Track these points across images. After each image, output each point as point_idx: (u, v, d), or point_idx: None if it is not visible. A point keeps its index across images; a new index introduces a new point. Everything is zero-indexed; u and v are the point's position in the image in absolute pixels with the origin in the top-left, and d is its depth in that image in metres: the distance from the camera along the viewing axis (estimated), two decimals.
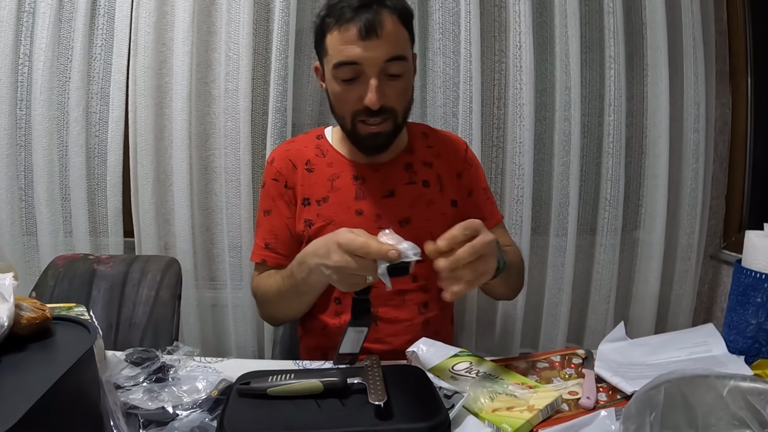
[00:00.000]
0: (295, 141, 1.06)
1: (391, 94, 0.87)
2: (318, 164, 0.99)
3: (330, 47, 0.86)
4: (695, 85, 1.53)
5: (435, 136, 1.07)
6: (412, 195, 0.98)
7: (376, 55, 0.83)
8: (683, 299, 1.61)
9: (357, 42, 0.82)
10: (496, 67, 1.56)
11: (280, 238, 0.99)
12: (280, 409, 0.63)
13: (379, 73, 0.84)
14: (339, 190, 0.97)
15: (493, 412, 0.66)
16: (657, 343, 0.86)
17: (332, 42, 0.85)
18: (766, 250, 0.79)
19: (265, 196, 1.02)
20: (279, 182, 1.00)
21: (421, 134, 1.05)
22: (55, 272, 1.24)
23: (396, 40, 0.85)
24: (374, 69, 0.84)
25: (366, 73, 0.84)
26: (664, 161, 1.54)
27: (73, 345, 0.57)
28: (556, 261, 1.57)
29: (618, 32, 1.49)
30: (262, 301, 0.98)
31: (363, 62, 0.83)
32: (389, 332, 0.95)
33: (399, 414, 0.62)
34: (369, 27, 0.81)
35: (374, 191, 0.97)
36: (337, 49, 0.84)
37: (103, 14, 1.48)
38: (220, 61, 1.49)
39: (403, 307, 0.96)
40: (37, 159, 1.49)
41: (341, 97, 0.88)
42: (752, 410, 0.56)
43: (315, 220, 0.96)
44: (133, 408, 0.63)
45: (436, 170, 1.01)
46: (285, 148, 1.03)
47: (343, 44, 0.83)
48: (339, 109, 0.91)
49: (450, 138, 1.08)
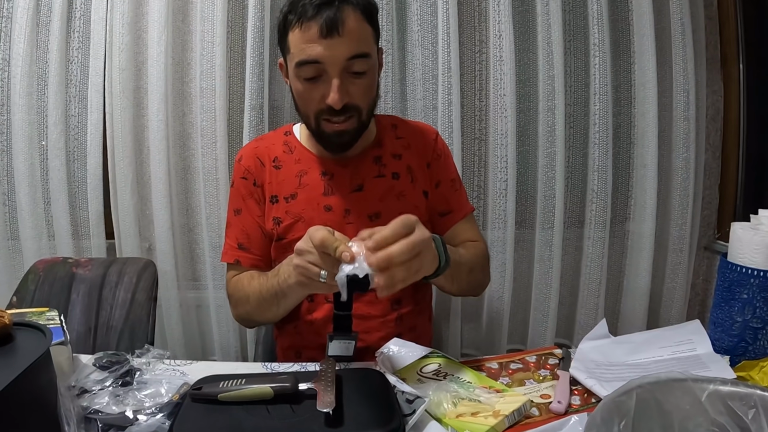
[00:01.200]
0: (263, 138, 1.05)
1: (355, 92, 0.85)
2: (286, 161, 0.98)
3: (292, 45, 0.84)
4: (684, 73, 1.49)
5: (404, 126, 1.05)
6: (382, 188, 0.96)
7: (338, 53, 0.81)
8: (676, 292, 1.57)
9: (318, 40, 0.80)
10: (477, 57, 1.53)
11: (252, 238, 0.97)
12: (231, 415, 0.62)
13: (342, 72, 0.83)
14: (307, 186, 0.95)
15: (457, 418, 0.63)
16: (640, 341, 0.83)
17: (294, 40, 0.83)
18: (752, 244, 0.75)
19: (234, 195, 1.00)
20: (248, 180, 0.98)
21: (390, 126, 1.03)
22: (36, 276, 1.24)
23: (359, 37, 0.83)
24: (336, 68, 0.82)
25: (328, 71, 0.82)
26: (653, 151, 1.50)
27: (32, 349, 0.58)
28: (543, 255, 1.54)
29: (603, 19, 1.46)
30: (239, 303, 0.96)
31: (324, 61, 0.81)
32: (362, 329, 0.92)
33: (350, 421, 0.60)
34: (330, 25, 0.79)
35: (343, 186, 0.95)
36: (299, 47, 0.83)
37: (79, 17, 1.48)
38: (195, 60, 1.48)
39: (375, 303, 0.94)
40: (17, 163, 1.50)
41: (304, 96, 0.87)
42: (733, 416, 0.53)
43: (284, 217, 0.95)
44: (95, 413, 0.63)
45: (406, 161, 0.99)
46: (253, 146, 1.02)
47: (304, 42, 0.82)
48: (303, 108, 0.90)
49: (419, 127, 1.06)
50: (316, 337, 0.95)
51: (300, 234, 0.92)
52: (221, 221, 1.49)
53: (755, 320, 0.75)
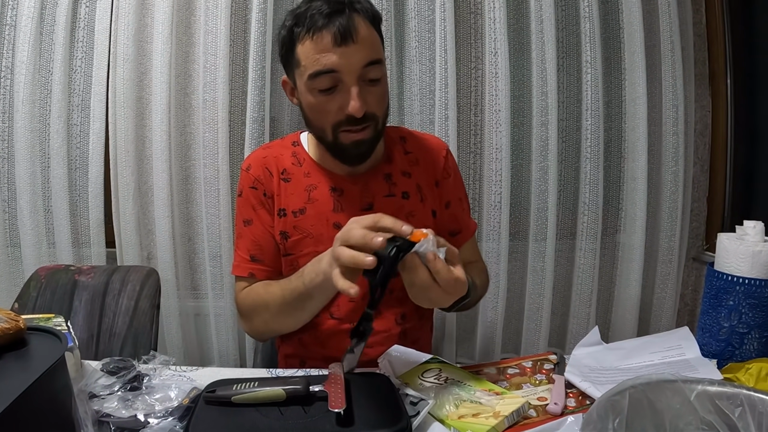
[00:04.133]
0: (271, 147, 1.00)
1: (372, 101, 0.83)
2: (295, 173, 0.94)
3: (303, 57, 0.81)
4: (674, 89, 1.54)
5: (413, 140, 1.01)
6: (392, 208, 0.93)
7: (354, 60, 0.79)
8: (665, 302, 1.61)
9: (333, 49, 0.78)
10: (473, 73, 1.57)
11: (265, 249, 0.93)
12: (244, 417, 0.64)
13: (359, 80, 0.80)
14: (316, 202, 0.92)
15: (459, 419, 0.66)
16: (631, 347, 0.86)
17: (305, 52, 0.80)
18: (737, 253, 0.79)
19: (243, 205, 0.95)
20: (258, 190, 0.94)
21: (399, 139, 1.00)
22: (38, 283, 1.25)
23: (371, 44, 0.81)
24: (353, 76, 0.79)
25: (345, 81, 0.80)
26: (643, 164, 1.54)
27: (46, 354, 0.59)
28: (536, 266, 1.58)
29: (595, 37, 1.50)
30: (255, 312, 0.91)
31: (341, 69, 0.79)
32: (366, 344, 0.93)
33: (360, 421, 0.62)
34: (344, 32, 0.77)
35: (353, 204, 0.92)
36: (312, 58, 0.79)
37: (83, 27, 1.50)
38: (198, 72, 1.50)
39: (380, 318, 0.93)
40: (19, 171, 1.51)
41: (320, 109, 0.83)
42: (721, 414, 0.56)
43: (291, 232, 0.92)
44: (106, 416, 0.64)
45: (415, 179, 0.97)
46: (261, 155, 0.97)
47: (317, 53, 0.79)
48: (318, 122, 0.85)
49: (428, 142, 1.02)
50: (321, 349, 0.94)
51: (309, 250, 0.91)
52: (221, 231, 1.51)
53: (741, 325, 0.78)
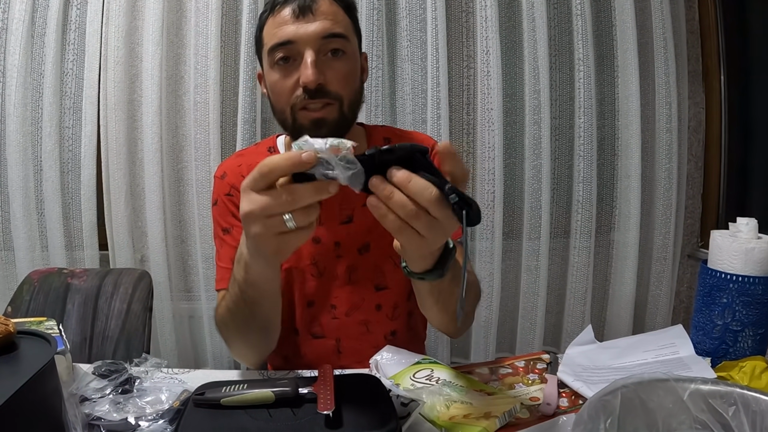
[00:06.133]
0: (244, 155, 0.95)
1: (333, 77, 0.77)
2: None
3: (266, 36, 0.79)
4: (667, 86, 1.54)
5: (398, 139, 0.95)
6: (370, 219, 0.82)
7: (311, 31, 0.76)
8: (660, 299, 1.61)
9: (291, 21, 0.76)
10: (465, 72, 1.57)
11: None
12: (233, 419, 0.64)
13: (316, 52, 0.76)
14: None
15: (450, 420, 0.65)
16: (625, 346, 0.86)
17: (267, 30, 0.79)
18: (730, 250, 0.78)
19: (220, 213, 0.90)
20: (234, 197, 0.89)
21: (382, 140, 0.95)
22: (31, 287, 1.25)
23: (334, 19, 0.78)
24: (308, 45, 0.76)
25: (301, 52, 0.76)
26: (636, 162, 1.54)
27: (35, 358, 0.58)
28: (530, 265, 1.57)
29: (587, 34, 1.50)
30: (224, 334, 0.81)
31: (297, 40, 0.76)
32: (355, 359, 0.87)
33: (349, 423, 0.62)
34: (303, 6, 0.76)
35: (332, 217, 0.88)
36: (271, 33, 0.78)
37: (74, 29, 1.50)
38: (189, 74, 1.50)
39: (368, 336, 0.89)
40: (12, 174, 1.51)
41: (278, 87, 0.79)
42: (714, 413, 0.55)
43: None
44: (97, 419, 0.64)
45: None
46: (236, 163, 0.92)
47: (276, 27, 0.77)
48: (277, 102, 0.81)
49: (416, 139, 0.96)
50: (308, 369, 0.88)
51: (286, 265, 0.85)
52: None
53: (735, 323, 0.78)
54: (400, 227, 0.51)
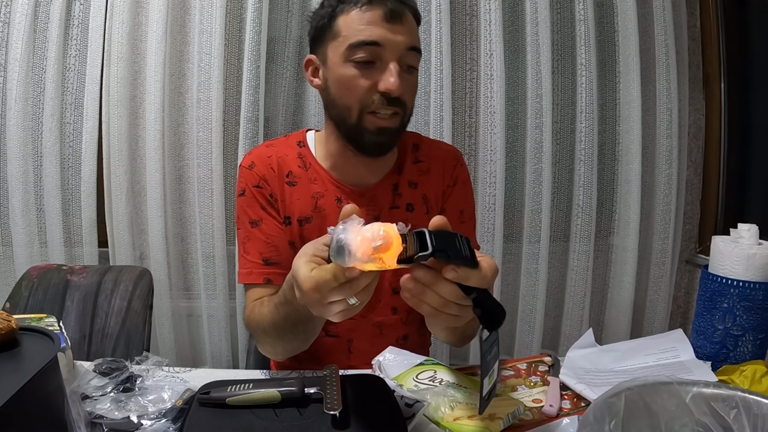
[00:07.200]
0: (275, 145, 0.92)
1: (406, 88, 0.79)
2: (301, 178, 0.87)
3: (345, 28, 0.78)
4: (668, 92, 1.55)
5: (425, 149, 0.95)
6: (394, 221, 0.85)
7: (400, 40, 0.76)
8: (658, 304, 1.62)
9: (381, 23, 0.76)
10: (468, 75, 1.57)
11: (282, 250, 0.84)
12: (239, 419, 0.63)
13: (399, 60, 0.77)
14: (323, 212, 0.86)
15: (454, 421, 0.65)
16: (626, 350, 0.86)
17: (348, 22, 0.77)
18: (732, 256, 0.79)
19: (247, 205, 0.87)
20: (263, 189, 0.86)
21: (411, 147, 0.95)
22: (29, 283, 1.24)
23: (416, 33, 0.81)
24: (396, 54, 0.77)
25: (385, 57, 0.77)
26: (636, 167, 1.55)
27: (38, 355, 0.58)
28: (530, 268, 1.58)
29: (590, 40, 1.51)
30: (257, 334, 0.82)
31: (386, 44, 0.76)
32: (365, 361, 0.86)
33: (355, 423, 0.62)
34: (395, 11, 0.76)
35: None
36: (357, 28, 0.76)
37: (77, 25, 1.49)
38: (192, 71, 1.50)
39: (380, 338, 0.89)
40: (12, 169, 1.50)
41: (351, 84, 0.78)
42: (716, 416, 0.56)
43: (298, 243, 0.84)
44: (99, 417, 0.64)
45: (422, 190, 0.92)
46: (265, 153, 0.89)
47: (364, 24, 0.76)
48: (345, 98, 0.79)
49: (441, 152, 0.97)
50: (316, 366, 0.88)
51: None
52: (215, 231, 1.50)
53: (735, 328, 0.78)
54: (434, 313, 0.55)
